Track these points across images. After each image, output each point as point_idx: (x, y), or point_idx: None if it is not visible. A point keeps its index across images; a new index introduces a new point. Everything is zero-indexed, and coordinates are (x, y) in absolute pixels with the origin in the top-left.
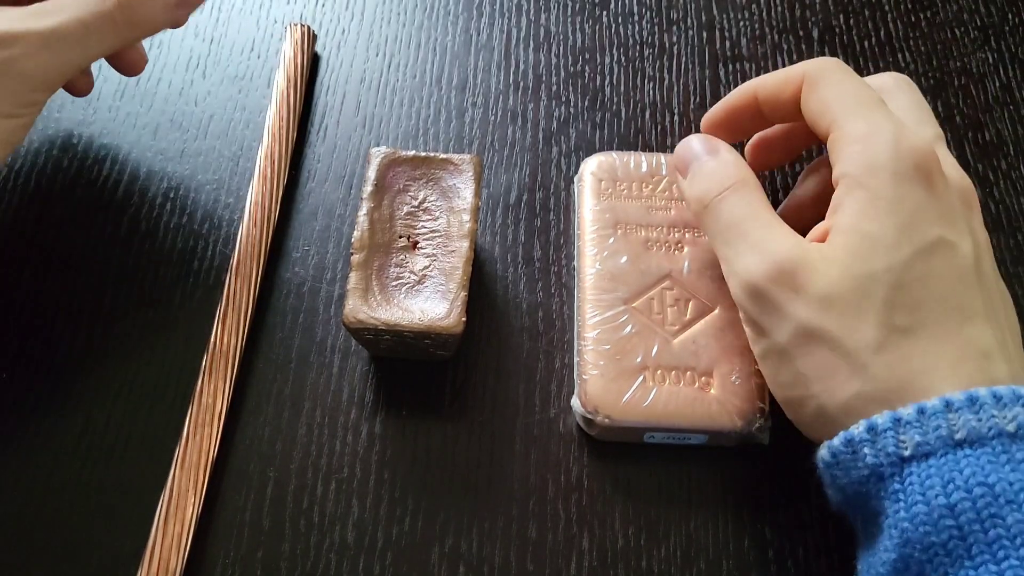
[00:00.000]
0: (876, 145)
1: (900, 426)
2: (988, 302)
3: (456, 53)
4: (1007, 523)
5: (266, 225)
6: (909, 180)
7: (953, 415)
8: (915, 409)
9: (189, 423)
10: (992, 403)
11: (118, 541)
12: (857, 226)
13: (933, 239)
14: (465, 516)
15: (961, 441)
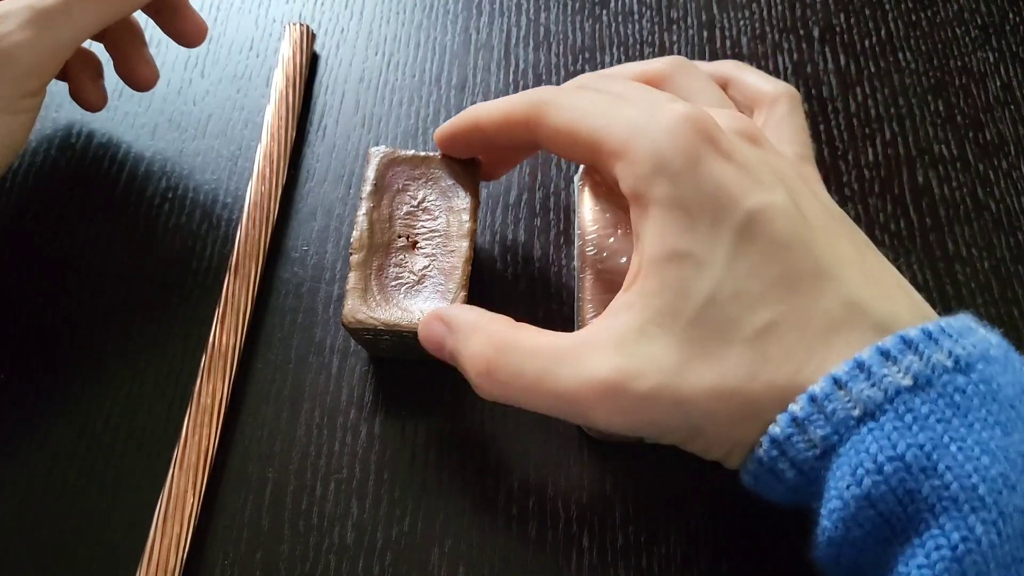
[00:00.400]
0: (640, 147)
1: (799, 426)
2: (828, 244)
3: (455, 52)
4: (923, 494)
5: (265, 225)
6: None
7: (844, 391)
8: (806, 399)
9: (188, 423)
10: (879, 362)
11: (117, 541)
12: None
13: (744, 217)
14: (465, 516)
15: (861, 416)
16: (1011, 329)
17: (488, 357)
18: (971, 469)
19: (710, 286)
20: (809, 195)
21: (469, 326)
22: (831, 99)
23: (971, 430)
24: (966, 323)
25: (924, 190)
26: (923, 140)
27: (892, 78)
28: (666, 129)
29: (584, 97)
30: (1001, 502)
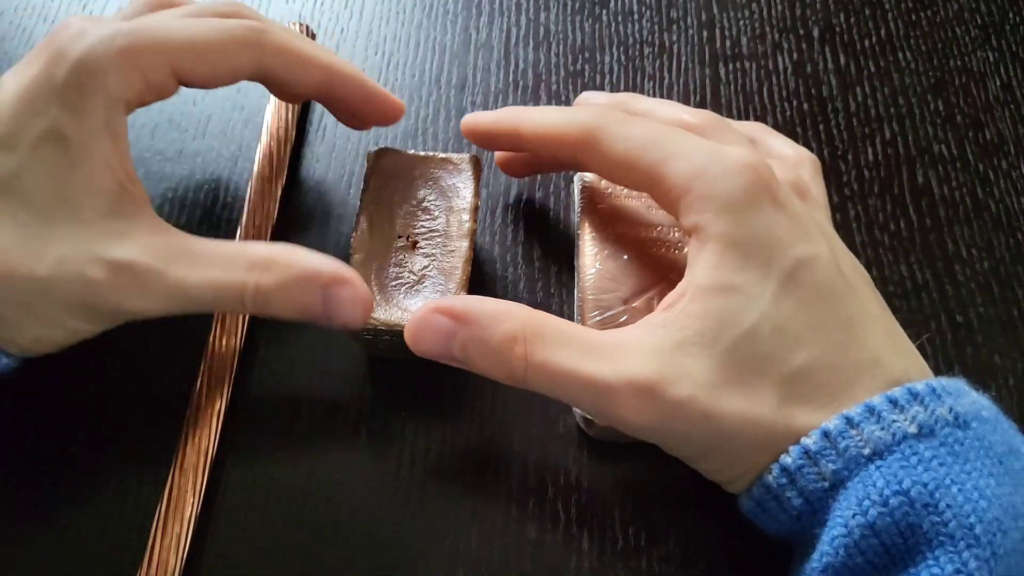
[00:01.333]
0: (705, 188)
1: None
2: (858, 300)
3: (455, 52)
4: (923, 528)
5: (264, 225)
6: (756, 205)
7: (856, 431)
8: (819, 434)
9: (188, 423)
10: (889, 409)
11: (118, 542)
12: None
13: (792, 263)
14: (464, 517)
15: (871, 455)
16: (1011, 329)
17: (527, 338)
18: (969, 510)
19: (753, 320)
20: (844, 253)
21: (496, 313)
22: (831, 99)
23: (970, 476)
24: (961, 385)
25: (924, 190)
26: (923, 140)
27: (892, 78)
28: (731, 172)
29: (639, 126)
30: (995, 543)
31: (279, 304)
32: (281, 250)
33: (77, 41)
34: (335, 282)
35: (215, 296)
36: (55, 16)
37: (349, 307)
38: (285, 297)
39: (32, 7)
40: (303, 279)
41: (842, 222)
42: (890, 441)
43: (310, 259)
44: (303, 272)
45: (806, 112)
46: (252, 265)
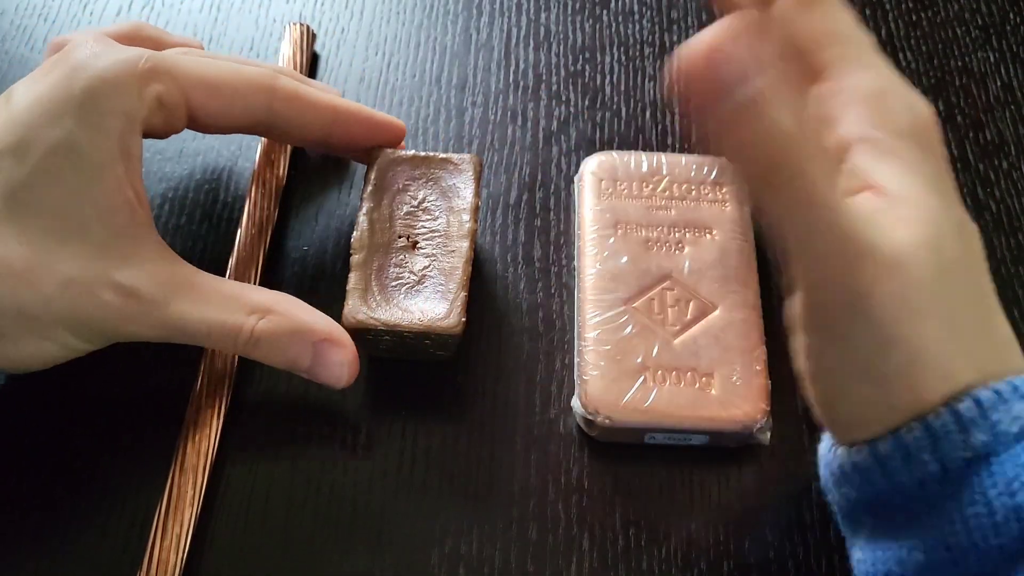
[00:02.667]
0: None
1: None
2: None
3: (456, 52)
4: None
5: (265, 225)
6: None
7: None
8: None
9: (188, 424)
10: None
11: (118, 542)
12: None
13: (960, 219)
14: (465, 517)
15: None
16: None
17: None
18: None
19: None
20: None
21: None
22: None
23: None
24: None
25: None
26: None
27: None
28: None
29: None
30: None
31: (268, 351)
32: (281, 300)
33: (96, 59)
34: (328, 342)
35: (209, 333)
36: (55, 16)
37: (336, 369)
38: (276, 346)
39: (32, 7)
40: (297, 332)
41: None
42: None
43: (308, 314)
44: (299, 326)
45: None
46: (252, 310)
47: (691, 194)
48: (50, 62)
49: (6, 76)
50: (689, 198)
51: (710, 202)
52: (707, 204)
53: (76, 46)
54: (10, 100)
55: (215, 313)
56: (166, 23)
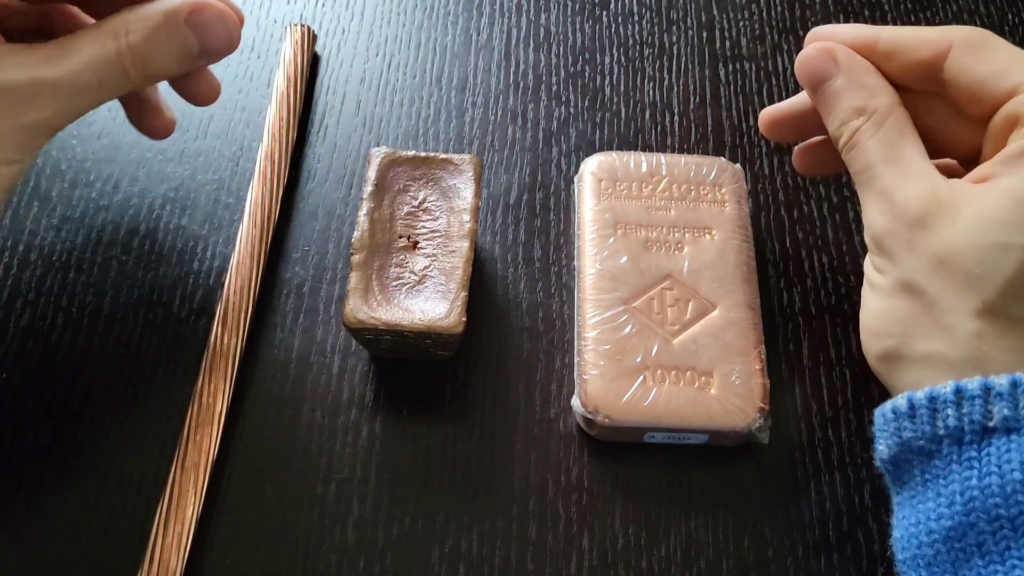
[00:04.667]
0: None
1: (990, 396)
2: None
3: (456, 53)
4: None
5: (266, 225)
6: None
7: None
8: (1008, 381)
9: (189, 423)
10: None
11: (119, 542)
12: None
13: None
14: (465, 516)
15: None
16: None
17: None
18: None
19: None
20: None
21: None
22: None
23: None
24: None
25: None
26: None
27: None
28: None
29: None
30: None
31: (156, 58)
32: (136, 8)
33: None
34: (195, 10)
35: (98, 78)
36: None
37: (219, 27)
38: (158, 48)
39: None
40: (166, 23)
41: (842, 222)
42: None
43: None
44: (163, 16)
45: None
46: (114, 32)
47: (690, 194)
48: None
49: None
50: (688, 198)
51: (709, 202)
52: (706, 204)
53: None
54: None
55: (87, 56)
56: None
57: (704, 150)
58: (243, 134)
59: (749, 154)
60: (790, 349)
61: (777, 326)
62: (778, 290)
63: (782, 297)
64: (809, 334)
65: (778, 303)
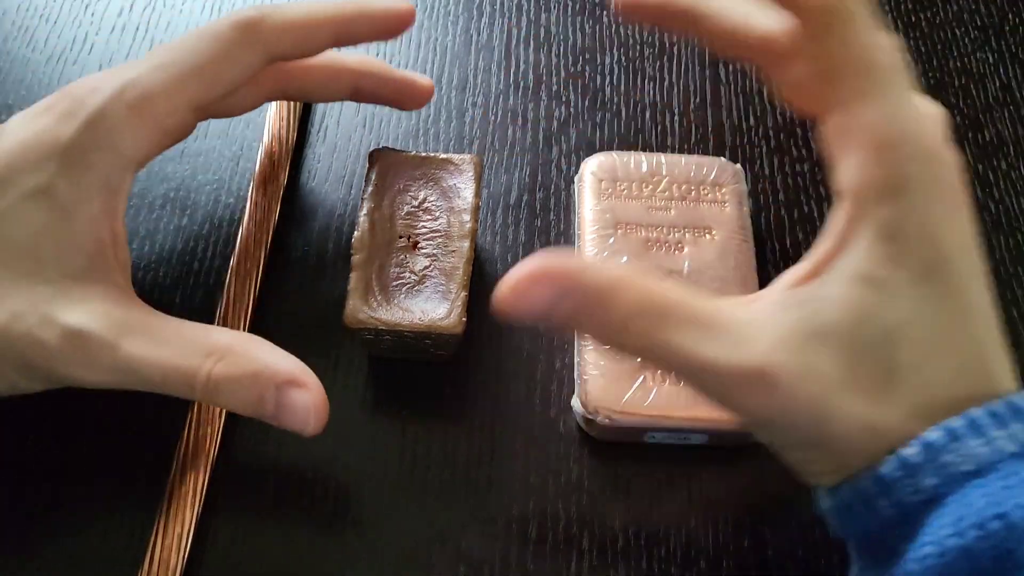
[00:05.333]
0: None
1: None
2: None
3: (456, 53)
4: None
5: (266, 225)
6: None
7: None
8: (921, 445)
9: (189, 423)
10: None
11: (119, 542)
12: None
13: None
14: (465, 516)
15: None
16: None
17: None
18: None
19: (894, 322)
20: None
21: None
22: None
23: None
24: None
25: None
26: None
27: None
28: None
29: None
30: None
31: (228, 397)
32: (243, 340)
33: (89, 98)
34: (290, 384)
35: (164, 379)
36: (56, 16)
37: (301, 414)
38: (236, 392)
39: (33, 7)
40: (257, 375)
41: None
42: (993, 459)
43: (270, 355)
44: (259, 368)
45: None
46: (209, 352)
47: (691, 194)
48: (53, 98)
49: (7, 77)
50: (689, 198)
51: (709, 202)
52: (707, 204)
53: (76, 84)
54: (2, 134)
55: (169, 356)
56: (167, 24)
57: (704, 150)
58: (243, 134)
59: (749, 154)
60: None
61: None
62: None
63: None
64: None
65: None
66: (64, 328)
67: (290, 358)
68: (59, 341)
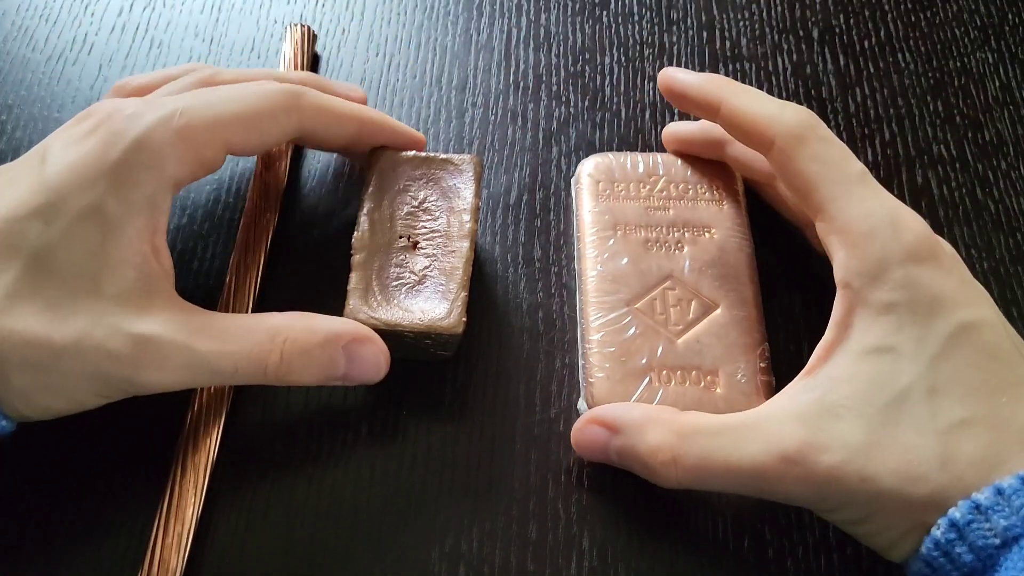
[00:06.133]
0: (877, 244)
1: (981, 513)
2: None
3: (456, 53)
4: None
5: (266, 225)
6: (919, 268)
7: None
8: (992, 490)
9: (189, 423)
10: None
11: (118, 542)
12: (869, 346)
13: (953, 328)
14: (465, 516)
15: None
16: None
17: (672, 445)
18: None
19: (909, 380)
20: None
21: (641, 422)
22: (830, 100)
23: None
24: None
25: (923, 190)
26: (922, 140)
27: (891, 79)
28: (904, 242)
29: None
30: None
31: (302, 370)
32: (297, 317)
33: (134, 122)
34: (356, 341)
35: (236, 369)
36: (56, 16)
37: (372, 362)
38: (309, 363)
39: (33, 7)
40: (326, 342)
41: None
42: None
43: (327, 323)
44: (325, 336)
45: None
46: (272, 336)
47: (688, 193)
48: (89, 122)
49: (7, 77)
50: (687, 198)
51: (707, 201)
52: (704, 203)
53: (115, 109)
54: (45, 161)
55: (238, 347)
56: (168, 24)
57: None
58: None
59: None
60: (791, 349)
61: (778, 326)
62: (778, 288)
63: (782, 296)
64: (810, 333)
65: (778, 302)
66: (135, 336)
67: (344, 320)
68: (132, 349)
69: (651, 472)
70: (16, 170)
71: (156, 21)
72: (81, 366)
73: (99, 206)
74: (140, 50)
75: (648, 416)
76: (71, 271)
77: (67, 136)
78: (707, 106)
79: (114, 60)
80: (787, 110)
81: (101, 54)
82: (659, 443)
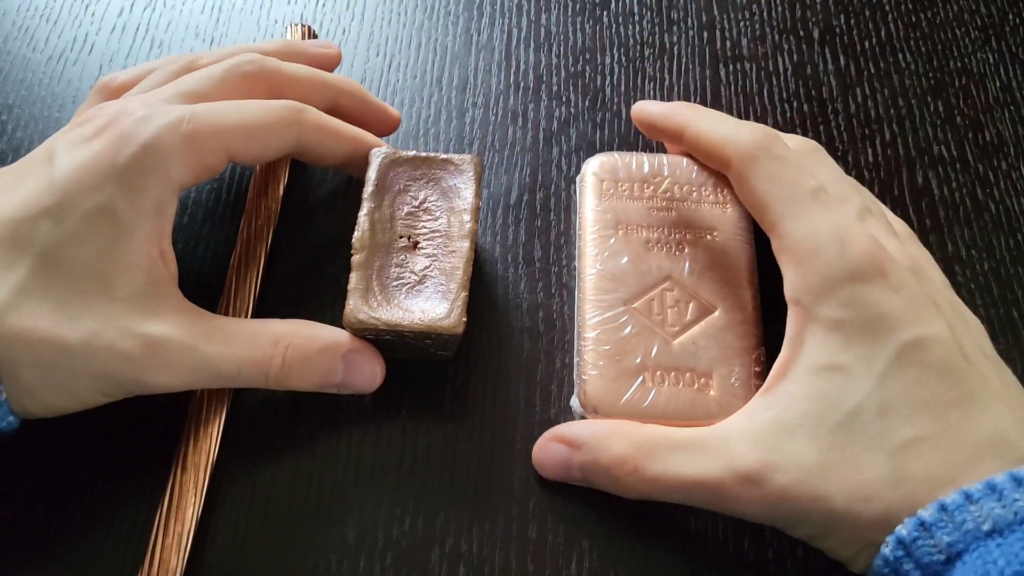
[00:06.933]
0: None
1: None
2: (981, 378)
3: (456, 53)
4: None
5: (266, 225)
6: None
7: (975, 506)
8: (936, 507)
9: (189, 423)
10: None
11: (119, 541)
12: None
13: (902, 346)
14: (465, 516)
15: (990, 531)
16: (1011, 330)
17: (634, 456)
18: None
19: (859, 399)
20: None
21: (602, 436)
22: (831, 100)
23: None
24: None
25: (923, 191)
26: (923, 141)
27: (892, 79)
28: (849, 258)
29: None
30: None
31: (301, 376)
32: (300, 325)
33: (143, 126)
34: (353, 352)
35: (239, 371)
36: (56, 16)
37: (367, 374)
38: (308, 369)
39: (33, 7)
40: (325, 350)
41: None
42: (1011, 520)
43: (327, 332)
44: (325, 343)
45: (806, 113)
46: (275, 342)
47: (692, 195)
48: (93, 124)
49: (7, 77)
50: (690, 199)
51: (711, 203)
52: (708, 205)
53: (121, 112)
54: (52, 161)
55: (242, 351)
56: (168, 23)
57: None
58: None
59: None
60: None
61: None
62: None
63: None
64: None
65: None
66: (145, 338)
67: (343, 332)
68: (142, 350)
69: (615, 483)
70: (22, 170)
71: (157, 21)
72: (91, 366)
73: (108, 208)
74: (140, 50)
75: (609, 429)
76: (80, 271)
77: (72, 137)
78: (674, 133)
79: (115, 60)
80: (743, 131)
81: (102, 54)
82: (622, 454)
